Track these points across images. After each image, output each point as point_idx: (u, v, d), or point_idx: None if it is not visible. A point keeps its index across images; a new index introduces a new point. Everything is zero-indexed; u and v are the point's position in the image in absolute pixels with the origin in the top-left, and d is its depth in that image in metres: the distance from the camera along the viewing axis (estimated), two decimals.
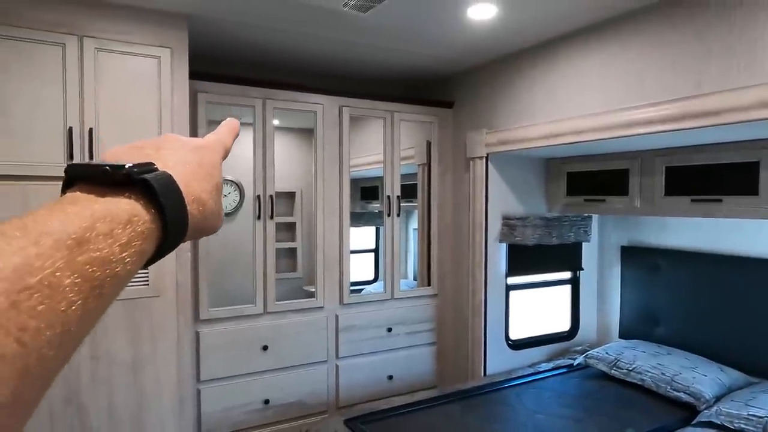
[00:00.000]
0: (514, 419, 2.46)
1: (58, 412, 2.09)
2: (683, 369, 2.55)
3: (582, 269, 3.42)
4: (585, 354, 3.01)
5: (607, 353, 2.89)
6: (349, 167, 2.98)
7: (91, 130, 2.10)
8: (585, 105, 2.39)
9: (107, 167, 0.33)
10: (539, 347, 3.29)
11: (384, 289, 3.14)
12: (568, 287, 3.46)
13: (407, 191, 3.24)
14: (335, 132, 2.93)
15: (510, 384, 2.83)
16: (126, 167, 0.33)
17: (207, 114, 2.55)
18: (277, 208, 2.78)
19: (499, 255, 3.10)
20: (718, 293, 2.73)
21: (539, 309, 3.38)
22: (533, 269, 3.28)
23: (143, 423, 2.26)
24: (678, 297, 2.94)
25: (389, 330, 3.11)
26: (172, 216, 0.35)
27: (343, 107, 2.93)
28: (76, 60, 2.07)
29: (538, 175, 3.24)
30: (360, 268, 3.71)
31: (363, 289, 3.48)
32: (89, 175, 0.34)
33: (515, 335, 3.22)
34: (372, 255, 4.01)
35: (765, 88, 1.73)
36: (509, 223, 3.05)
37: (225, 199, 3.58)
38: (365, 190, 3.82)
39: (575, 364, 3.04)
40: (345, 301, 2.99)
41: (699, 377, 2.46)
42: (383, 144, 3.09)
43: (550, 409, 2.52)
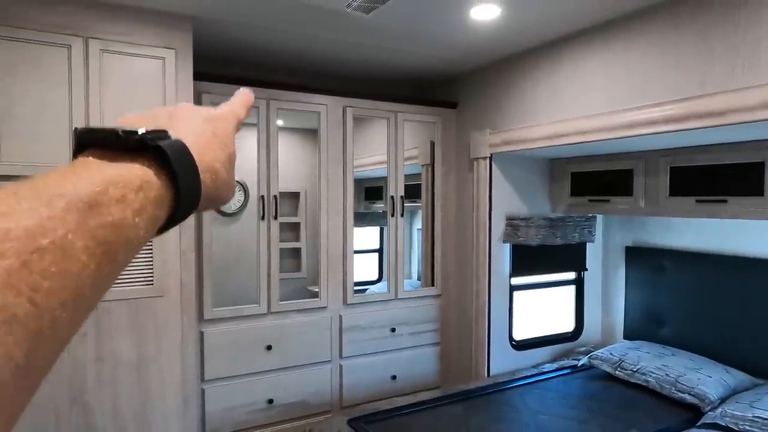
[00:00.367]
0: (517, 420, 2.45)
1: (63, 412, 2.10)
2: (688, 370, 2.54)
3: (586, 270, 3.41)
4: (589, 355, 3.01)
5: (612, 354, 2.88)
6: (353, 167, 2.98)
7: None
8: (589, 105, 2.39)
9: (120, 132, 0.33)
10: (543, 348, 3.28)
11: (387, 290, 3.15)
12: (572, 288, 3.45)
13: (411, 191, 3.25)
14: (339, 132, 2.93)
15: (514, 384, 2.83)
16: (140, 133, 0.33)
17: None
18: (282, 208, 2.79)
19: (503, 255, 3.10)
20: (723, 294, 2.72)
21: (543, 309, 3.37)
22: (537, 270, 3.27)
23: (148, 423, 2.27)
24: (683, 298, 2.93)
25: (393, 330, 3.11)
26: (185, 184, 0.35)
27: (347, 107, 2.94)
28: (81, 61, 2.09)
29: (542, 176, 3.23)
30: (364, 268, 3.71)
31: (367, 289, 3.49)
32: (102, 140, 0.34)
33: (519, 336, 3.22)
34: (376, 255, 4.01)
35: None
36: (513, 224, 3.05)
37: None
38: (369, 190, 3.82)
39: (579, 364, 3.03)
40: (349, 301, 2.99)
41: (704, 378, 2.45)
42: (387, 144, 3.09)
43: (553, 410, 2.51)
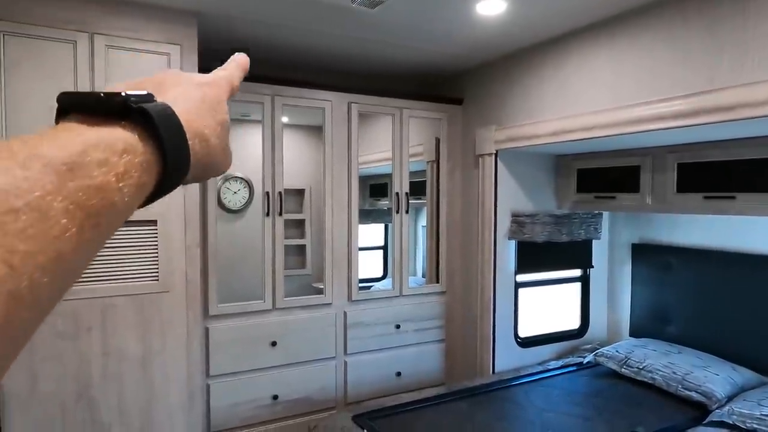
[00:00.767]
0: (522, 417, 2.45)
1: (69, 407, 2.11)
2: (695, 368, 2.52)
3: (592, 267, 3.39)
4: (595, 352, 2.99)
5: (618, 351, 2.86)
6: (358, 164, 2.98)
7: None
8: (595, 101, 2.37)
9: (102, 94, 0.32)
10: (548, 345, 3.27)
11: (392, 286, 3.14)
12: (577, 285, 3.43)
13: (416, 188, 3.24)
14: (344, 128, 2.93)
15: (519, 382, 2.82)
16: (122, 95, 0.32)
17: None
18: (287, 205, 2.78)
19: (508, 252, 3.09)
20: (730, 291, 2.70)
21: (548, 307, 3.36)
22: (542, 267, 3.26)
23: (152, 418, 2.28)
24: (689, 295, 2.91)
25: (397, 327, 3.11)
26: (171, 147, 0.33)
27: (352, 104, 2.93)
28: (86, 57, 2.09)
29: (547, 172, 3.22)
30: (369, 265, 3.71)
31: (372, 286, 3.49)
32: (83, 104, 0.32)
33: (524, 333, 3.21)
34: (381, 252, 4.01)
35: None
36: (518, 220, 3.03)
37: (234, 196, 3.60)
38: (374, 187, 3.82)
39: (585, 362, 3.02)
40: (353, 298, 2.99)
41: (711, 376, 2.43)
42: (392, 140, 3.08)
43: (559, 408, 2.50)
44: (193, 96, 0.39)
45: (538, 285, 3.29)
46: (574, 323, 3.43)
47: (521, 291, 3.19)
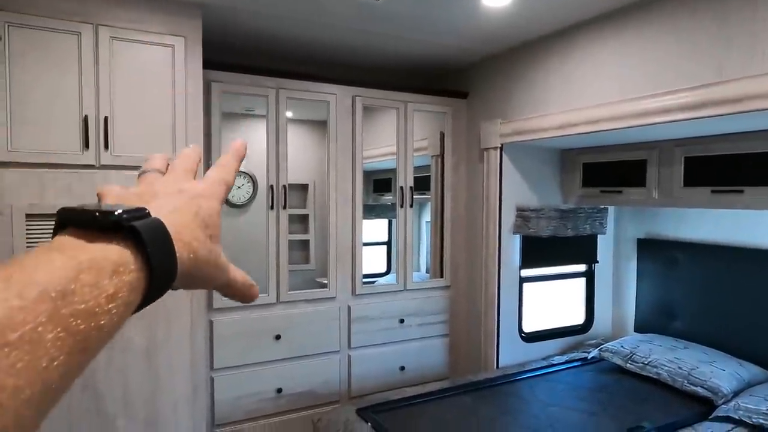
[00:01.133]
0: (526, 411, 2.44)
1: (75, 398, 2.12)
2: (701, 363, 2.51)
3: (597, 262, 3.38)
4: (600, 347, 2.98)
5: (623, 346, 2.85)
6: (362, 157, 2.97)
7: (107, 118, 2.12)
8: (602, 94, 2.35)
9: (97, 213, 0.33)
10: (553, 340, 3.26)
11: (396, 281, 3.14)
12: (582, 280, 3.42)
13: (420, 184, 3.22)
14: (348, 122, 2.92)
15: (523, 376, 2.81)
16: (116, 213, 0.33)
17: (221, 104, 2.56)
18: (290, 199, 2.78)
19: (513, 247, 3.08)
20: (737, 287, 2.68)
21: (553, 302, 3.34)
22: (547, 261, 3.25)
23: (157, 409, 2.28)
24: (696, 290, 2.89)
25: (401, 321, 3.11)
26: (158, 263, 0.34)
27: (356, 97, 2.92)
28: (91, 49, 2.08)
29: (553, 166, 3.20)
30: (372, 260, 3.70)
31: (375, 282, 3.48)
32: (79, 220, 0.33)
33: (528, 328, 3.20)
34: (384, 248, 4.00)
35: None
36: (523, 215, 3.02)
37: (238, 191, 3.59)
38: (378, 182, 3.81)
39: (589, 357, 3.01)
40: (357, 292, 2.99)
41: (717, 371, 2.42)
42: (396, 134, 3.07)
43: (563, 402, 2.49)
44: (187, 210, 0.40)
45: (542, 280, 3.28)
46: (578, 318, 3.41)
47: (526, 286, 3.17)
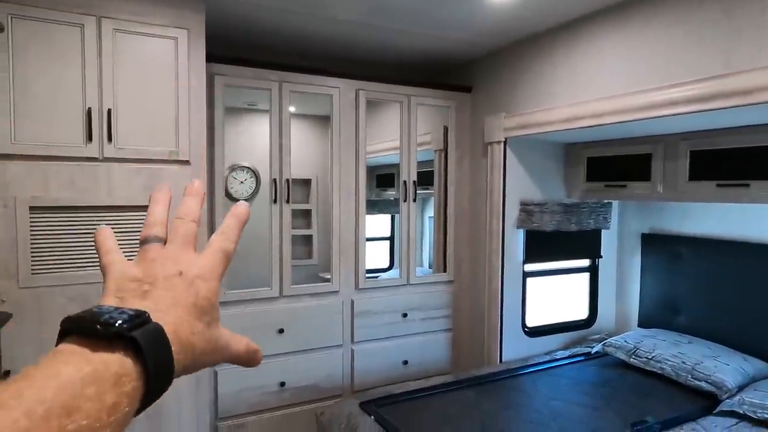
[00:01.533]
0: (529, 406, 2.44)
1: None
2: (705, 358, 2.50)
3: (601, 257, 3.37)
4: (603, 342, 2.97)
5: (626, 341, 2.84)
6: (366, 152, 2.96)
7: (110, 111, 2.11)
8: (607, 87, 2.33)
9: (98, 326, 0.34)
10: (556, 335, 3.25)
11: (399, 275, 3.13)
12: (586, 275, 3.41)
13: (423, 178, 3.21)
14: (351, 116, 2.91)
15: (526, 371, 2.81)
16: (116, 325, 0.34)
17: (224, 97, 2.55)
18: (293, 195, 2.77)
19: (517, 241, 3.07)
20: (742, 281, 2.66)
21: (557, 296, 3.34)
22: (551, 256, 3.23)
23: (160, 402, 2.25)
24: (700, 285, 2.88)
25: (405, 315, 3.10)
26: (156, 373, 0.35)
27: (360, 91, 2.90)
28: (94, 41, 2.07)
29: (557, 161, 3.18)
30: (375, 256, 3.70)
31: (378, 277, 3.48)
32: (83, 329, 0.35)
33: (532, 323, 3.19)
34: (387, 243, 3.99)
35: None
36: (527, 209, 3.01)
37: (241, 186, 3.58)
38: (380, 177, 3.80)
39: (593, 352, 3.00)
40: (361, 286, 2.98)
41: (721, 366, 2.41)
42: (400, 128, 3.06)
43: (567, 397, 2.49)
44: (186, 301, 0.41)
45: (546, 275, 3.27)
46: (582, 313, 3.41)
47: (529, 280, 3.16)
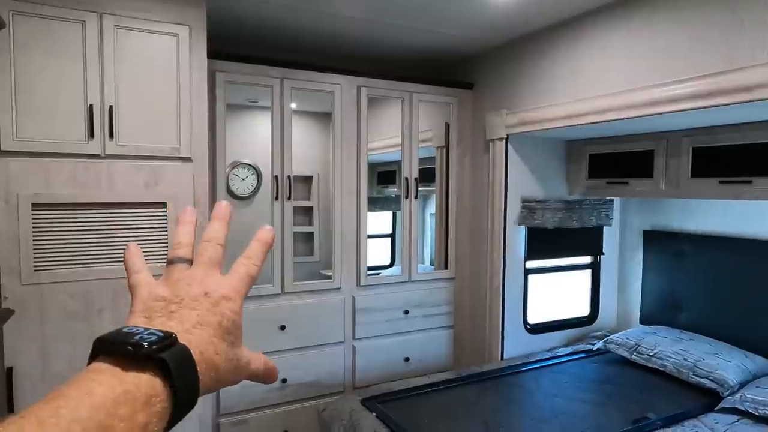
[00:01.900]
0: (531, 402, 2.44)
1: None
2: (706, 355, 2.50)
3: (603, 254, 3.36)
4: (605, 339, 2.97)
5: (628, 338, 2.84)
6: (367, 148, 2.96)
7: (111, 107, 2.11)
8: (609, 83, 2.33)
9: (129, 347, 0.35)
10: (558, 332, 3.25)
11: (401, 272, 3.13)
12: (588, 272, 3.41)
13: (425, 175, 3.21)
14: (353, 113, 2.90)
15: (528, 368, 2.81)
16: (146, 346, 0.35)
17: (225, 94, 2.55)
18: (294, 192, 2.77)
19: (518, 238, 3.06)
20: (744, 278, 2.66)
21: (558, 293, 3.34)
22: (553, 253, 3.23)
23: None
24: (702, 283, 2.88)
25: (406, 312, 3.10)
26: (183, 394, 0.36)
27: (361, 87, 2.90)
28: (96, 37, 2.07)
29: (559, 158, 3.18)
30: (376, 253, 3.70)
31: (379, 274, 3.48)
32: (114, 350, 0.36)
33: (533, 319, 3.19)
34: (388, 240, 3.99)
35: None
36: (529, 206, 3.00)
37: (243, 183, 3.59)
38: (382, 174, 3.79)
39: (595, 349, 3.00)
40: (362, 283, 2.98)
41: (723, 363, 2.41)
42: (401, 124, 3.05)
43: (568, 393, 2.49)
44: (210, 321, 0.42)
45: (547, 271, 3.27)
46: (583, 310, 3.41)
47: (531, 277, 3.16)
